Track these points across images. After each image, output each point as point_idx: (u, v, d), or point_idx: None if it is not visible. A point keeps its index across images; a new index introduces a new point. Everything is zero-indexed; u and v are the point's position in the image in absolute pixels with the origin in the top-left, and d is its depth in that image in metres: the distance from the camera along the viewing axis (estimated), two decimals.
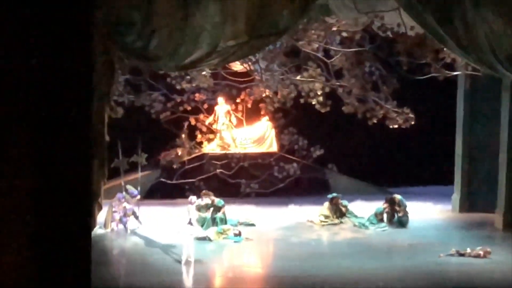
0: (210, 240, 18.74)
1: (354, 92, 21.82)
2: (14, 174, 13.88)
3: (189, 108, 22.66)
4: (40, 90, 14.10)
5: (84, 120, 14.57)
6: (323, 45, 21.09)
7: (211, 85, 22.29)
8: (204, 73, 21.44)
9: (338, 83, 21.73)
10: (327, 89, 21.77)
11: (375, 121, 21.78)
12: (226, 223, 19.55)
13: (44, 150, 14.23)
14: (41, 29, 14.00)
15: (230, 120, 23.71)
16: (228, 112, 23.57)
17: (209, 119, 23.31)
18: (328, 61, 21.44)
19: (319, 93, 21.71)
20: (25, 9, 13.74)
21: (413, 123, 21.81)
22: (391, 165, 24.55)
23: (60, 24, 14.02)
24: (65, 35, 14.10)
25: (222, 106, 23.33)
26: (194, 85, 21.75)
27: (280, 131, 23.87)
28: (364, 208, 21.28)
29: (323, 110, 21.72)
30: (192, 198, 18.10)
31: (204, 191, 19.89)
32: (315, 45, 21.04)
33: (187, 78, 21.50)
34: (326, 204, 20.87)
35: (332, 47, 21.21)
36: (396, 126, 21.81)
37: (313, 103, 21.77)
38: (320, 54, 21.34)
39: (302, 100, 21.97)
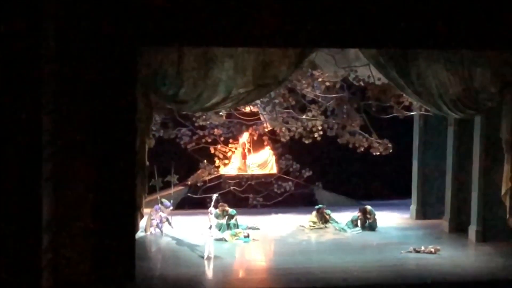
0: (225, 240, 18.71)
1: (342, 127, 21.66)
2: (81, 189, 14.03)
3: (209, 140, 22.67)
4: (97, 126, 14.26)
5: (129, 149, 14.72)
6: (314, 92, 21.05)
7: (221, 123, 22.23)
8: (221, 113, 21.48)
9: (334, 121, 21.64)
10: (325, 125, 21.68)
11: (362, 149, 21.66)
12: (237, 227, 19.50)
13: (100, 172, 14.38)
14: (100, 82, 14.20)
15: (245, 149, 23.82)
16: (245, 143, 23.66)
17: (237, 148, 23.43)
18: (324, 103, 21.32)
19: (319, 128, 21.60)
20: (91, 69, 13.95)
21: (391, 151, 21.70)
22: (364, 183, 24.48)
23: (113, 77, 14.21)
24: (116, 85, 14.30)
25: (244, 138, 23.41)
26: (209, 122, 21.75)
27: (278, 157, 23.85)
28: (343, 216, 21.14)
29: (307, 141, 21.62)
30: (212, 209, 18.05)
31: (220, 203, 19.85)
32: (313, 92, 20.99)
33: (203, 117, 21.50)
34: (314, 213, 20.81)
35: (319, 94, 21.17)
36: (378, 153, 21.67)
37: (315, 136, 21.58)
38: (320, 99, 21.26)
39: (304, 134, 21.75)
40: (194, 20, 14.38)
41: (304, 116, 21.54)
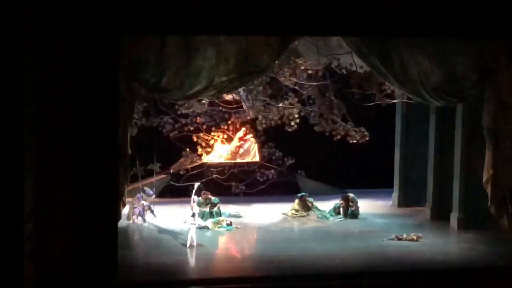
0: (208, 228, 18.74)
1: (325, 115, 21.77)
2: (62, 178, 14.05)
3: (192, 128, 22.68)
4: (79, 115, 14.27)
5: (112, 138, 14.72)
6: (296, 80, 21.14)
7: (204, 111, 22.28)
8: (203, 101, 21.51)
9: (311, 109, 21.78)
10: (302, 113, 21.82)
11: (338, 137, 21.79)
12: (220, 215, 19.51)
13: (83, 161, 14.40)
14: (81, 71, 14.20)
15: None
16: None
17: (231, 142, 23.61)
18: (302, 91, 21.48)
19: (296, 116, 21.74)
20: (72, 58, 13.96)
21: (367, 139, 21.86)
22: (347, 171, 24.52)
23: (95, 66, 14.20)
24: (98, 74, 14.29)
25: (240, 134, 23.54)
26: (191, 110, 21.80)
27: (261, 145, 23.88)
28: (325, 204, 21.21)
29: (290, 129, 21.78)
30: (195, 197, 18.09)
31: (203, 192, 19.87)
32: (293, 80, 21.11)
33: (186, 106, 21.57)
34: (297, 201, 20.88)
35: (302, 82, 21.26)
36: (355, 141, 21.83)
37: (292, 124, 21.75)
38: (296, 87, 21.38)
39: (280, 122, 21.93)
40: (176, 8, 14.39)
41: (280, 105, 21.66)
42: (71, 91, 14.22)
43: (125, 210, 18.27)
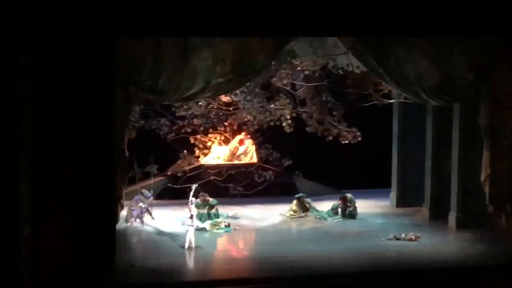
0: (206, 230, 18.71)
1: (314, 116, 21.90)
2: (60, 180, 14.04)
3: (189, 130, 22.67)
4: (76, 118, 14.25)
5: (108, 141, 14.71)
6: (291, 81, 21.18)
7: (203, 112, 22.28)
8: (200, 103, 21.50)
9: (302, 110, 21.82)
10: (294, 115, 21.88)
11: (331, 138, 21.84)
12: (218, 217, 19.48)
13: (80, 163, 14.37)
14: (77, 74, 14.18)
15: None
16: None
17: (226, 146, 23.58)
18: (294, 92, 21.55)
19: (288, 117, 21.80)
20: (68, 61, 13.93)
21: (359, 139, 21.88)
22: (344, 171, 24.48)
23: (90, 69, 14.19)
24: (94, 77, 14.28)
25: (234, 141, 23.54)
26: (189, 112, 21.80)
27: (258, 146, 23.87)
28: (323, 205, 21.19)
29: (288, 131, 21.81)
30: (193, 199, 18.06)
31: (201, 193, 19.83)
32: (285, 81, 21.15)
33: (185, 107, 21.57)
34: (294, 201, 20.84)
35: (297, 82, 21.30)
36: (347, 142, 21.87)
37: (283, 125, 21.84)
38: (288, 88, 21.42)
39: (277, 123, 22.01)
40: (171, 9, 14.37)
41: (272, 106, 21.71)
42: (68, 94, 14.21)
43: (123, 213, 18.28)
